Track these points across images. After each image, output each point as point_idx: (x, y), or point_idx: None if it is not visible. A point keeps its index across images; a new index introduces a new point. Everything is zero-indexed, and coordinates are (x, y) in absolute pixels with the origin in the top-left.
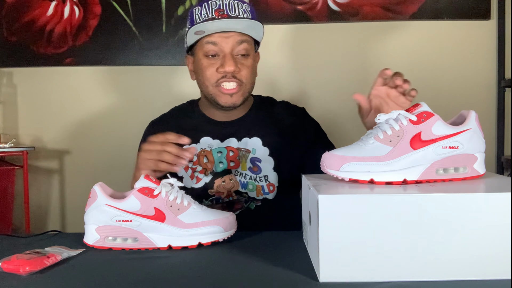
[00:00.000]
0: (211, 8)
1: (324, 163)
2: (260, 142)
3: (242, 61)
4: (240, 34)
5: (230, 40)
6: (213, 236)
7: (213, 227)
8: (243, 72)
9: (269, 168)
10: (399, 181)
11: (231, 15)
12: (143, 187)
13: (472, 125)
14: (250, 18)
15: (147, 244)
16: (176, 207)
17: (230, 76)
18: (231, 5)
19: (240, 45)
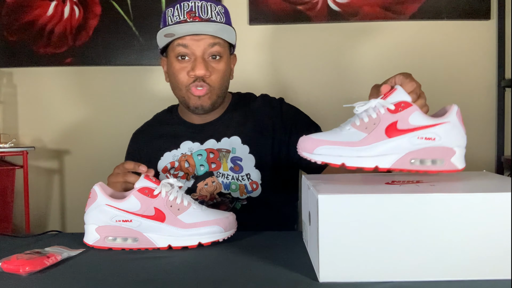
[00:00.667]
0: (183, 10)
1: (299, 146)
2: (239, 140)
3: (213, 65)
4: (212, 37)
5: (201, 43)
6: (213, 236)
7: (213, 227)
8: (213, 77)
9: (251, 166)
10: (371, 167)
11: (203, 17)
12: (143, 187)
13: (451, 119)
14: (222, 21)
15: (147, 244)
16: (176, 207)
17: (200, 80)
18: (204, 7)
19: (212, 48)
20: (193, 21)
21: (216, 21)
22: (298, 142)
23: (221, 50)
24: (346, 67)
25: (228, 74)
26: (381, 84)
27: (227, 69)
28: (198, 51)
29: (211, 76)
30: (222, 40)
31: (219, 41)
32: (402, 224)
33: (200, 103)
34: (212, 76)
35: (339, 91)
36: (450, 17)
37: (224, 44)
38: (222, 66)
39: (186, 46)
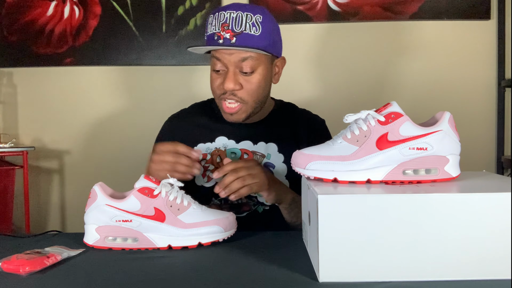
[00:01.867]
0: (219, 21)
1: (292, 161)
2: (276, 148)
3: (245, 78)
4: (244, 52)
5: (233, 57)
6: (213, 236)
7: (213, 227)
8: (245, 90)
9: (282, 175)
10: (363, 181)
11: (236, 31)
12: (143, 187)
13: (443, 127)
14: (256, 33)
15: (147, 244)
16: (176, 207)
17: (229, 94)
18: (238, 19)
19: (243, 62)
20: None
21: (248, 35)
22: (292, 158)
23: (253, 64)
24: (346, 67)
25: (265, 85)
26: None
27: (263, 80)
28: (230, 64)
29: (242, 90)
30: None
31: (251, 54)
32: (402, 224)
33: (233, 119)
34: (244, 90)
35: (339, 91)
36: (450, 17)
37: (260, 56)
38: (255, 79)
39: (219, 59)
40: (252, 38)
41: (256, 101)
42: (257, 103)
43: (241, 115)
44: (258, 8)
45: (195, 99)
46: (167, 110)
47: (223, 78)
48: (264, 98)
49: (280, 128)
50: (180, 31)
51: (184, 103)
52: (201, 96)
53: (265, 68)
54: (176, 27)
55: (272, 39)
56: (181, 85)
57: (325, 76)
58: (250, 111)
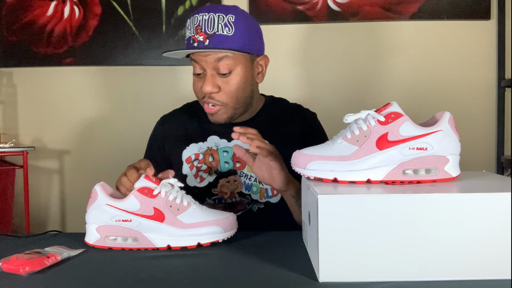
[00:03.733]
0: (193, 24)
1: (292, 161)
2: None
3: (224, 80)
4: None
5: (208, 58)
6: (213, 236)
7: (213, 227)
8: (223, 93)
9: None
10: (363, 181)
11: (209, 32)
12: (142, 187)
13: (443, 127)
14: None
15: (146, 244)
16: (175, 207)
17: (207, 97)
18: (210, 21)
19: (219, 63)
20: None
21: (221, 35)
22: (292, 158)
23: (230, 64)
24: (346, 67)
25: (245, 85)
26: None
27: (242, 81)
28: (207, 67)
29: (220, 92)
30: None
31: (227, 54)
32: (402, 224)
33: (215, 119)
34: (221, 93)
35: (338, 91)
36: (450, 17)
37: (237, 56)
38: (234, 80)
39: (197, 62)
40: (225, 38)
41: (236, 102)
42: (238, 103)
43: (222, 116)
44: (231, 8)
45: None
46: (167, 110)
47: (202, 81)
48: (245, 98)
49: (271, 125)
50: (180, 31)
51: (184, 102)
52: None
53: (243, 68)
54: (176, 27)
55: (248, 38)
56: (181, 85)
57: (325, 76)
58: (231, 112)
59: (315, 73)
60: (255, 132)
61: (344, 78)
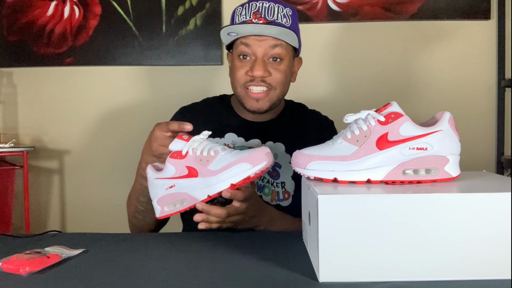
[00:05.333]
0: (250, 10)
1: (292, 161)
2: (284, 148)
3: (274, 66)
4: (275, 39)
5: (263, 43)
6: (243, 174)
7: (240, 165)
8: (273, 76)
9: (288, 176)
10: (363, 181)
11: (268, 19)
12: (173, 152)
13: (443, 127)
14: (288, 24)
15: (193, 201)
16: (205, 159)
17: (258, 80)
18: (271, 9)
19: (273, 49)
20: (257, 22)
21: (281, 24)
22: (292, 157)
23: (282, 53)
24: (346, 67)
25: (289, 77)
26: None
27: (289, 72)
28: (259, 51)
29: (271, 76)
30: (284, 42)
31: (282, 43)
32: (402, 224)
33: (258, 106)
34: (273, 76)
35: (339, 90)
36: (450, 17)
37: (287, 47)
38: (283, 68)
39: (248, 45)
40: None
41: (281, 90)
42: (282, 93)
43: (266, 102)
44: (288, 4)
45: (196, 98)
46: (167, 110)
47: (249, 66)
48: (286, 91)
49: (289, 128)
50: (180, 31)
51: (184, 103)
52: (201, 96)
53: (288, 61)
54: (176, 27)
55: (298, 35)
56: (181, 85)
57: (325, 76)
58: (275, 99)
59: (315, 73)
60: (219, 214)
61: (344, 78)
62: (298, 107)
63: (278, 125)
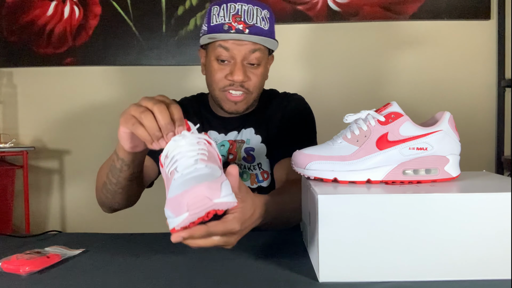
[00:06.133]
0: (229, 12)
1: (292, 161)
2: (253, 131)
3: (252, 70)
4: (254, 43)
5: (243, 48)
6: (169, 223)
7: (167, 210)
8: (251, 82)
9: (262, 155)
10: (363, 181)
11: (248, 23)
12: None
13: (443, 127)
14: (266, 28)
15: None
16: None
17: (237, 85)
18: (250, 12)
19: (252, 54)
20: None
21: (260, 28)
22: (292, 157)
23: (260, 57)
24: (346, 67)
25: (264, 78)
26: None
27: (265, 73)
28: (239, 56)
29: (249, 81)
30: (263, 46)
31: (260, 47)
32: (402, 224)
33: (236, 108)
34: (251, 82)
35: (339, 90)
36: (450, 17)
37: (265, 50)
38: (260, 72)
39: (228, 49)
40: (262, 31)
41: (257, 94)
42: (256, 95)
43: (243, 105)
44: (264, 4)
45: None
46: None
47: (228, 70)
48: (260, 92)
49: (258, 113)
50: (180, 31)
51: None
52: None
53: (266, 62)
54: (176, 27)
55: (274, 35)
56: (181, 85)
57: (325, 76)
58: (251, 102)
59: (315, 73)
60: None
61: (344, 78)
62: (267, 93)
63: (252, 114)
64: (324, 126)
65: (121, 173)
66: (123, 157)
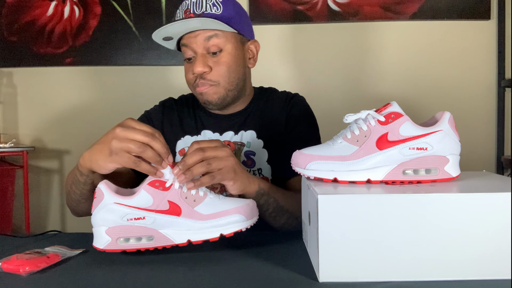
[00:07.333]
0: (182, 10)
1: (292, 161)
2: (255, 134)
3: (213, 59)
4: (208, 30)
5: (198, 38)
6: (235, 226)
7: (234, 216)
8: (214, 72)
9: (263, 161)
10: (363, 181)
11: (197, 12)
12: (153, 180)
13: (444, 127)
14: (218, 13)
15: (164, 242)
16: (191, 198)
17: (199, 78)
18: (198, 3)
19: (209, 41)
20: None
21: (209, 14)
22: (292, 157)
23: (220, 42)
24: (346, 67)
25: (236, 65)
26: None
27: (233, 60)
28: (197, 47)
29: (211, 72)
30: (220, 31)
31: (217, 32)
32: (402, 224)
33: (206, 98)
34: (213, 72)
35: (339, 90)
36: (450, 17)
37: (226, 34)
38: (224, 59)
39: (186, 45)
40: (214, 16)
41: (228, 82)
42: (231, 84)
43: (213, 95)
44: None
45: None
46: None
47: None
48: (238, 80)
49: (258, 114)
50: None
51: None
52: None
53: (234, 47)
54: None
55: (237, 18)
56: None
57: (325, 76)
58: (223, 92)
59: (315, 73)
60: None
61: (344, 78)
62: (267, 92)
63: (248, 113)
64: (324, 126)
65: (84, 186)
66: (88, 174)
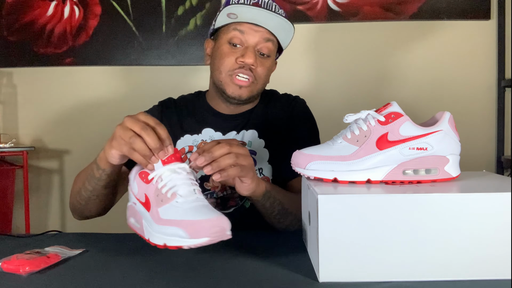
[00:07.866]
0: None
1: (292, 161)
2: (256, 134)
3: (261, 60)
4: (269, 33)
5: (258, 34)
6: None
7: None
8: (259, 69)
9: (264, 161)
10: (363, 181)
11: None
12: (143, 171)
13: (444, 127)
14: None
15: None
16: (160, 198)
17: (247, 68)
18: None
19: (265, 43)
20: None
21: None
22: (292, 157)
23: (271, 49)
24: (346, 67)
25: (269, 74)
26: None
27: (270, 70)
28: (252, 40)
29: (258, 68)
30: (276, 40)
31: (274, 39)
32: (402, 224)
33: (239, 93)
34: (259, 68)
35: (339, 91)
36: (450, 17)
37: (275, 45)
38: (268, 64)
39: (243, 32)
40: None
41: (262, 84)
42: (261, 87)
43: (247, 92)
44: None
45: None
46: None
47: (240, 53)
48: (263, 86)
49: (260, 115)
50: (180, 31)
51: None
52: None
53: (272, 60)
54: (176, 27)
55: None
56: (181, 85)
57: (325, 76)
58: (255, 92)
59: (314, 73)
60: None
61: (344, 78)
62: (269, 93)
63: (252, 114)
64: (324, 126)
65: (99, 181)
66: (105, 167)
